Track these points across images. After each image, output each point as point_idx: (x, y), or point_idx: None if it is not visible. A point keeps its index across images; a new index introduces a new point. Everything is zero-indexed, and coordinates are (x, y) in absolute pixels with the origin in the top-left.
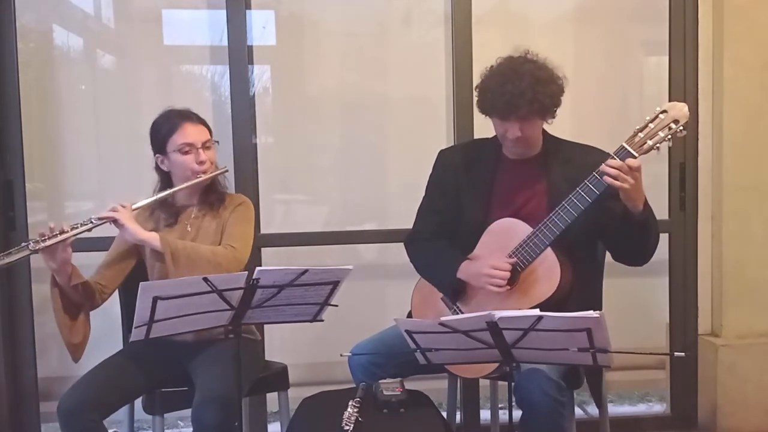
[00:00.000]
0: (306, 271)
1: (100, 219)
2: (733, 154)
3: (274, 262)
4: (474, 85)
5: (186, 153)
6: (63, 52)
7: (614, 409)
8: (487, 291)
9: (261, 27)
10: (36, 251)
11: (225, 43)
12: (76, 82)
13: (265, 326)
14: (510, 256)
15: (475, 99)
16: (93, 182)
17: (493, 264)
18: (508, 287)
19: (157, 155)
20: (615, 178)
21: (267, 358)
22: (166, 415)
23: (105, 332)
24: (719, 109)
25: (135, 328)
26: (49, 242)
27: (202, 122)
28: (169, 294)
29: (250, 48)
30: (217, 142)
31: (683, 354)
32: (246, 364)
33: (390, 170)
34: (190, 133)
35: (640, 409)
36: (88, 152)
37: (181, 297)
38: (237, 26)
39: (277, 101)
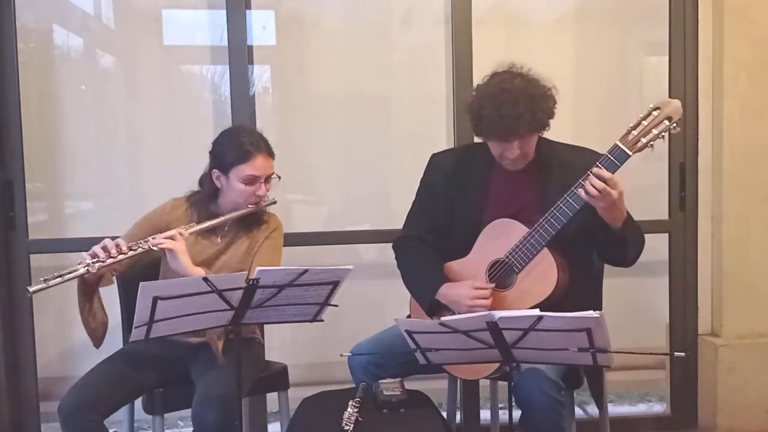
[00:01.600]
0: (306, 271)
1: (156, 246)
2: (733, 154)
3: None
4: (474, 85)
5: (249, 184)
6: (63, 52)
7: (614, 409)
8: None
9: (261, 27)
10: (96, 270)
11: (225, 43)
12: (76, 82)
13: (265, 326)
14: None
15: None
16: (93, 182)
17: (475, 294)
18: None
19: (215, 170)
20: (590, 198)
21: (267, 358)
22: (166, 415)
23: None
24: (719, 109)
25: (135, 328)
26: (107, 263)
27: (272, 154)
28: (169, 294)
29: (250, 48)
30: (279, 177)
31: (683, 354)
32: (246, 364)
33: (390, 170)
34: (260, 167)
35: (640, 409)
36: (88, 152)
37: (181, 297)
38: (237, 26)
39: (277, 101)
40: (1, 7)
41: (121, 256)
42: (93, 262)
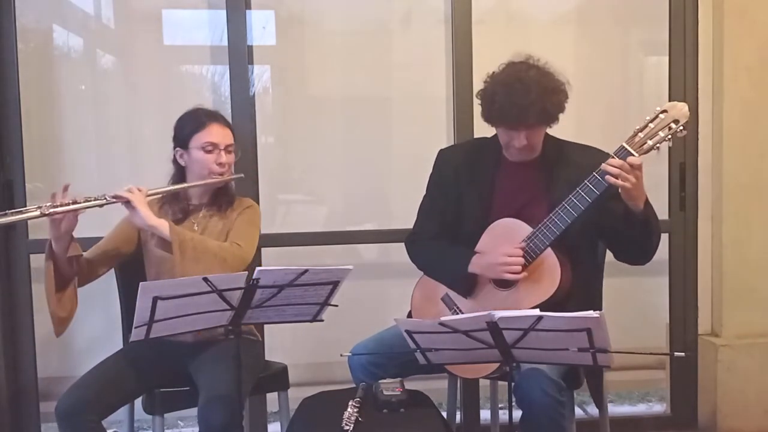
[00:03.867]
0: (306, 271)
1: (114, 197)
2: (733, 154)
3: (275, 262)
4: (474, 85)
5: (208, 152)
6: (63, 52)
7: (614, 409)
8: (489, 289)
9: (261, 27)
10: (46, 215)
11: (225, 43)
12: (76, 82)
13: (265, 326)
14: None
15: (477, 103)
16: (93, 182)
17: (506, 251)
18: (525, 274)
19: (177, 149)
20: (616, 177)
21: (267, 358)
22: (166, 415)
23: (105, 332)
24: (719, 109)
25: (135, 328)
26: (60, 209)
27: (229, 126)
28: (169, 294)
29: (250, 48)
30: (239, 153)
31: (683, 354)
32: (247, 364)
33: (390, 170)
34: (216, 134)
35: (640, 409)
36: (88, 152)
37: (181, 297)
38: (237, 26)
39: (277, 101)
40: (1, 7)
41: (76, 205)
42: (47, 206)
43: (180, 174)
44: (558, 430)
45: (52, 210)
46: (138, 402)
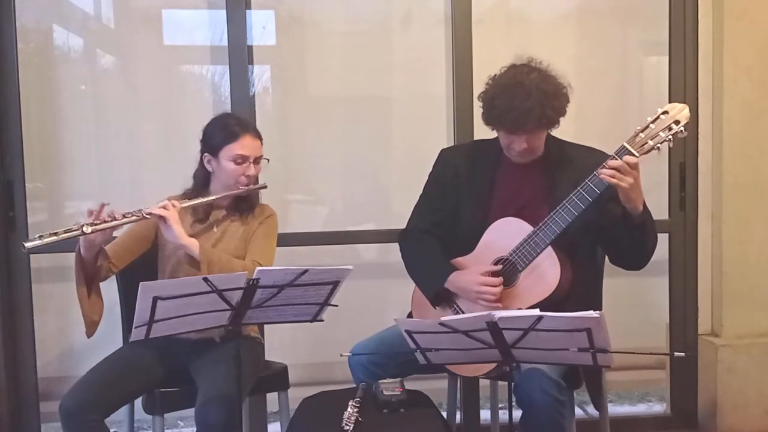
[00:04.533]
0: (306, 271)
1: (150, 214)
2: (733, 154)
3: (275, 262)
4: (474, 85)
5: (238, 164)
6: (63, 52)
7: (614, 409)
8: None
9: (261, 27)
10: (87, 234)
11: (225, 43)
12: (76, 82)
13: (265, 326)
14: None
15: (477, 103)
16: (93, 182)
17: (483, 281)
18: (499, 304)
19: (206, 154)
20: (613, 176)
21: (267, 358)
22: (166, 415)
23: (105, 332)
24: (719, 109)
25: (135, 328)
26: (101, 227)
27: (260, 137)
28: (169, 294)
29: (250, 48)
30: (267, 159)
31: (683, 354)
32: (247, 363)
33: (390, 170)
34: (248, 146)
35: (640, 409)
36: (88, 152)
37: (181, 297)
38: (237, 26)
39: (277, 101)
40: (1, 7)
41: (115, 222)
42: (89, 224)
43: (205, 178)
44: (558, 430)
45: (93, 229)
46: (138, 402)
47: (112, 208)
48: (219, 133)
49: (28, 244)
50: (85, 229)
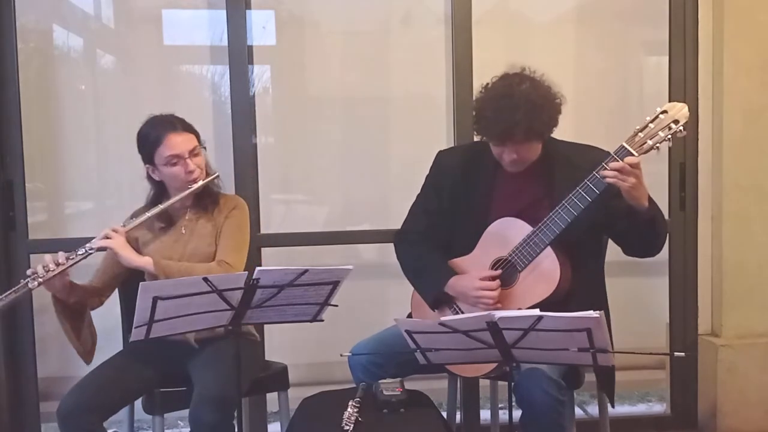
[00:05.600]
0: (306, 271)
1: (94, 249)
2: (733, 154)
3: (274, 262)
4: (474, 85)
5: (174, 165)
6: (63, 52)
7: (614, 409)
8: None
9: (261, 27)
10: (35, 287)
11: (225, 43)
12: (76, 82)
13: (265, 326)
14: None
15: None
16: (93, 182)
17: (481, 285)
18: (499, 304)
19: (147, 165)
20: (615, 177)
21: (267, 358)
22: (166, 415)
23: (105, 332)
24: (719, 109)
25: (135, 328)
26: (48, 275)
27: (187, 128)
28: (169, 294)
29: (250, 48)
30: (205, 147)
31: (683, 354)
32: (245, 363)
33: (390, 170)
34: (175, 144)
35: (640, 409)
36: (88, 152)
37: (181, 297)
38: (237, 26)
39: (277, 101)
40: (1, 7)
41: (60, 267)
42: (32, 279)
43: (159, 188)
44: (558, 430)
45: (38, 282)
46: (138, 402)
47: (57, 255)
48: (146, 142)
49: None
50: (30, 284)
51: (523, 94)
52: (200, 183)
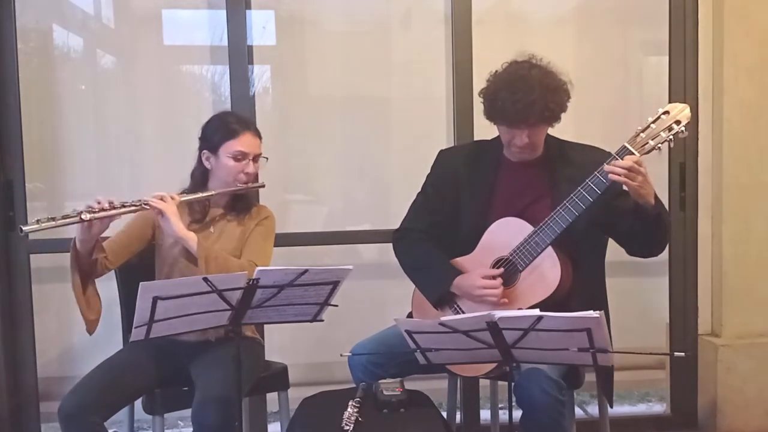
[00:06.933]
0: (306, 271)
1: (148, 205)
2: (732, 154)
3: (275, 262)
4: (474, 85)
5: (237, 161)
6: (63, 52)
7: (614, 409)
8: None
9: (261, 27)
10: (85, 221)
11: (225, 43)
12: (76, 82)
13: (265, 326)
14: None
15: (477, 103)
16: (93, 182)
17: (483, 284)
18: (505, 300)
19: (204, 151)
20: (626, 176)
21: (267, 358)
22: (166, 415)
23: (105, 332)
24: (719, 109)
25: (135, 328)
26: (99, 215)
27: (260, 135)
28: (169, 294)
29: (250, 48)
30: (266, 158)
31: (683, 354)
32: (246, 364)
33: (390, 170)
34: (247, 143)
35: (640, 409)
36: (88, 152)
37: (181, 297)
38: (237, 26)
39: (277, 101)
40: (1, 7)
41: (113, 211)
42: (87, 210)
43: (202, 176)
44: (558, 430)
45: (91, 216)
46: (138, 402)
47: (113, 198)
48: (219, 130)
49: (26, 228)
50: (83, 216)
51: (534, 77)
52: (249, 186)
